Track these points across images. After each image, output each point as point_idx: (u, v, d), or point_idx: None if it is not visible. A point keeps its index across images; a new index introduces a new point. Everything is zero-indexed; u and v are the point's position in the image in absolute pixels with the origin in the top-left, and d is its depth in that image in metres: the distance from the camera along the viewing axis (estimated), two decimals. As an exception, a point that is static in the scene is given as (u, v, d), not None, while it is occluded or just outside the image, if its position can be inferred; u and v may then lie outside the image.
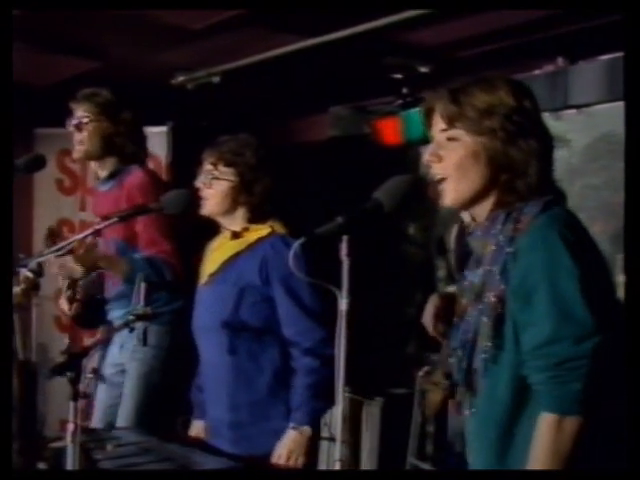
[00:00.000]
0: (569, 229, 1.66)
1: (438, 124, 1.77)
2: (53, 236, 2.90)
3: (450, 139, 1.75)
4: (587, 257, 1.64)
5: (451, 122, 1.74)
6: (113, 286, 3.16)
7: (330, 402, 2.49)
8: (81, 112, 3.11)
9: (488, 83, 1.74)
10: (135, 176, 3.08)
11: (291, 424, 2.49)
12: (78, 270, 2.83)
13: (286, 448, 2.48)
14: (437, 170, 1.77)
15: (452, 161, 1.74)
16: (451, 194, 1.76)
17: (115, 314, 3.14)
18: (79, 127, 3.10)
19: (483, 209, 1.76)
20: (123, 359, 3.07)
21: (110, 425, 3.03)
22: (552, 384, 1.60)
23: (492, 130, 1.70)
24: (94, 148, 3.10)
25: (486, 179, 1.73)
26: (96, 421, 3.13)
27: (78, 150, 3.13)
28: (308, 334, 2.49)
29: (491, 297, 1.67)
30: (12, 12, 2.61)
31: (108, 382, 3.11)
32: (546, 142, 1.75)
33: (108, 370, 3.11)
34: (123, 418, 3.02)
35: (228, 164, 2.56)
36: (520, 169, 1.71)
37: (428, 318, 2.94)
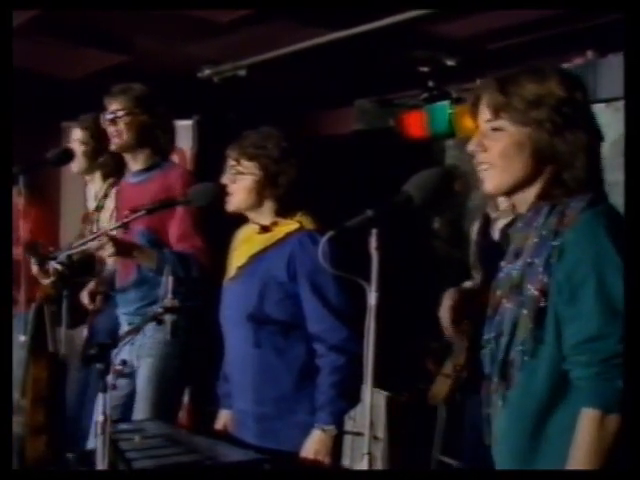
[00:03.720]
0: (615, 225, 1.65)
1: (483, 113, 1.75)
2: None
3: (495, 129, 1.73)
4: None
5: (497, 112, 1.72)
6: (124, 279, 3.17)
7: (355, 401, 2.49)
8: (116, 106, 3.14)
9: (538, 73, 1.72)
10: (176, 172, 3.12)
11: (316, 424, 2.48)
12: (112, 252, 2.84)
13: (312, 449, 2.47)
14: (482, 159, 1.76)
15: (497, 151, 1.73)
16: (493, 181, 1.75)
17: (126, 308, 3.16)
18: (114, 121, 3.13)
19: (525, 199, 1.75)
20: (132, 355, 3.03)
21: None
22: (597, 380, 1.59)
23: (539, 121, 1.68)
24: (130, 140, 3.13)
25: (530, 170, 1.72)
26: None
27: (113, 143, 3.17)
28: (333, 332, 2.48)
29: (532, 290, 1.66)
30: (12, 12, 2.64)
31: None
32: (594, 135, 1.72)
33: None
34: (138, 414, 3.02)
35: (251, 158, 2.55)
36: (566, 161, 1.69)
37: (445, 312, 2.93)
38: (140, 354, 3.03)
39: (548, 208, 1.70)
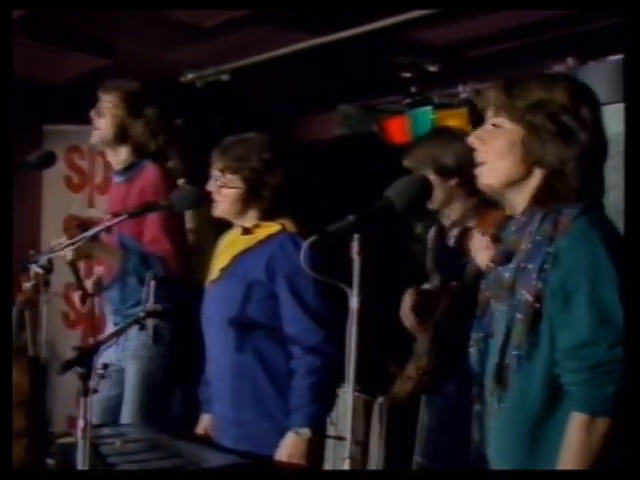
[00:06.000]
0: (609, 233, 1.68)
1: (489, 111, 1.80)
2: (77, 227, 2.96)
3: (494, 125, 1.78)
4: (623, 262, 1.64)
5: (498, 110, 1.77)
6: (108, 279, 3.18)
7: (330, 404, 2.50)
8: (104, 99, 3.18)
9: (548, 79, 1.77)
10: (148, 173, 3.10)
11: (290, 427, 2.48)
12: (71, 257, 2.85)
13: (285, 452, 2.47)
14: (480, 154, 1.80)
15: (492, 147, 1.77)
16: (485, 177, 1.79)
17: (110, 308, 3.16)
18: (99, 113, 3.15)
19: (519, 201, 1.78)
20: (120, 355, 3.06)
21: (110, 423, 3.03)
22: (585, 386, 1.62)
23: (533, 126, 1.72)
24: (108, 134, 3.17)
25: (520, 170, 1.75)
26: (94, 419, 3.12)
27: (94, 135, 3.21)
28: (309, 334, 2.49)
29: (526, 294, 1.68)
30: (12, 12, 2.63)
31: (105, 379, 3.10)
32: (593, 146, 1.73)
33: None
34: (126, 416, 3.01)
35: (234, 172, 2.57)
36: (556, 169, 1.71)
37: (406, 312, 2.97)
38: (127, 355, 3.03)
39: (542, 214, 1.73)
